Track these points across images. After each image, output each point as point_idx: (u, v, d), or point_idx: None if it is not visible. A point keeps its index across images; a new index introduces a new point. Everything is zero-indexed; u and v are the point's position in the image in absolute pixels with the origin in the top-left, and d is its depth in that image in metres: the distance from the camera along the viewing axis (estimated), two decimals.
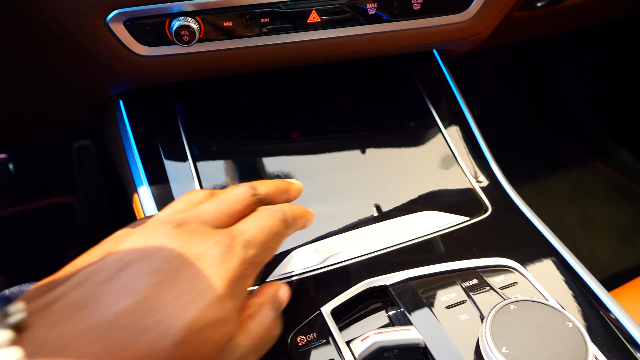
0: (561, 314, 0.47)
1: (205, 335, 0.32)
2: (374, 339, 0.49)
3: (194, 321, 0.32)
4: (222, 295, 0.34)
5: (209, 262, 0.35)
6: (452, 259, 0.59)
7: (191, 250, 0.35)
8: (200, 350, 0.32)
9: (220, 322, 0.33)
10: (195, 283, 0.33)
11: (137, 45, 0.58)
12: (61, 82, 0.69)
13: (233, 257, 0.36)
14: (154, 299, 0.31)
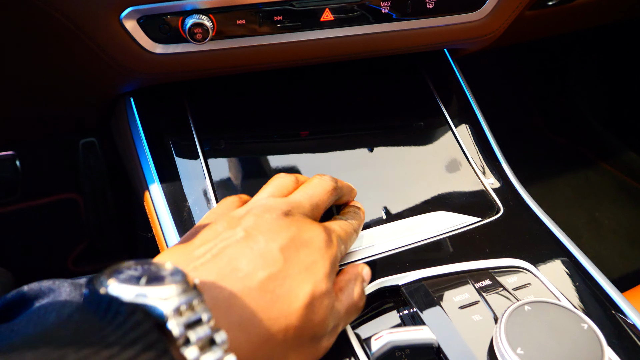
0: (576, 316, 0.47)
1: (319, 302, 0.41)
2: (388, 338, 0.49)
3: (312, 290, 0.40)
4: (328, 273, 0.43)
5: (317, 247, 0.44)
6: (465, 260, 0.59)
7: (304, 236, 0.44)
8: (317, 314, 0.41)
9: (327, 293, 0.42)
10: (311, 262, 0.42)
11: (150, 43, 0.58)
12: (72, 79, 0.69)
13: (333, 246, 0.46)
14: (285, 270, 0.40)
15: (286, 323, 0.38)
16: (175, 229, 0.61)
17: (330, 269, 0.43)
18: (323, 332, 0.42)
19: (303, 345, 0.40)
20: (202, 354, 0.30)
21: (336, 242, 0.47)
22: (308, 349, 0.41)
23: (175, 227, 0.61)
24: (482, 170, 0.72)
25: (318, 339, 0.42)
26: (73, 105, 0.79)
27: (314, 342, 0.42)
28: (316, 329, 0.41)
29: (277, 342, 0.38)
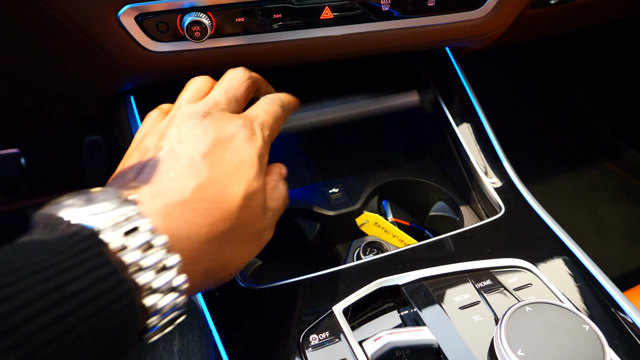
0: (578, 317, 0.46)
1: (253, 200, 0.43)
2: (387, 339, 0.49)
3: (245, 190, 0.42)
4: (257, 170, 0.44)
5: (241, 143, 0.44)
6: (465, 259, 0.59)
7: (224, 135, 0.44)
8: (253, 211, 0.43)
9: (259, 190, 0.44)
10: (238, 162, 0.43)
11: (148, 41, 0.58)
12: (72, 77, 0.68)
13: (257, 137, 0.45)
14: (213, 176, 0.41)
15: (225, 226, 0.40)
16: None
17: (259, 164, 0.44)
18: (263, 226, 0.45)
19: (248, 241, 0.43)
20: (145, 257, 0.33)
21: (259, 132, 0.46)
22: (253, 243, 0.44)
23: None
24: (483, 169, 0.72)
25: (260, 232, 0.45)
26: (74, 103, 0.79)
27: (256, 236, 0.45)
28: (256, 224, 0.44)
29: (220, 243, 0.40)
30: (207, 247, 0.39)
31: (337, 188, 0.75)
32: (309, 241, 0.72)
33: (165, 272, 0.34)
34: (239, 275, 0.57)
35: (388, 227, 0.73)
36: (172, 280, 0.34)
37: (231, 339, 0.52)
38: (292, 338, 0.51)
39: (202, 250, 0.39)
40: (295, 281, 0.57)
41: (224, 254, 0.41)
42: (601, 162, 1.64)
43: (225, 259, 0.41)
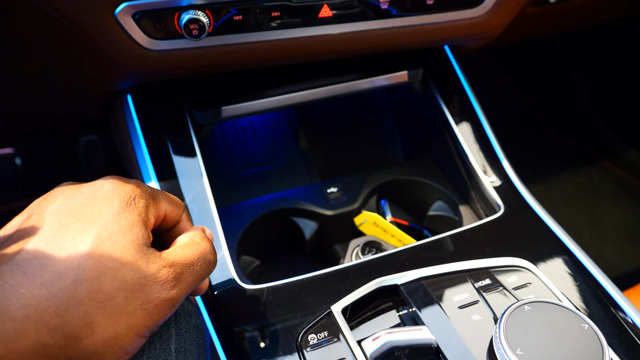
0: (577, 316, 0.46)
1: (110, 243, 0.36)
2: (386, 339, 0.49)
3: (94, 235, 0.35)
4: (117, 211, 0.38)
5: (101, 196, 0.39)
6: (464, 259, 0.58)
7: (82, 191, 0.39)
8: (112, 257, 0.35)
9: (120, 231, 0.36)
10: (90, 210, 0.37)
11: (145, 39, 0.57)
12: (68, 76, 0.68)
13: (124, 185, 0.40)
14: (57, 232, 0.35)
15: (65, 282, 0.33)
16: None
17: (121, 205, 0.38)
18: (144, 277, 0.36)
19: (115, 299, 0.35)
20: None
21: (133, 182, 0.41)
22: (129, 303, 0.35)
23: None
24: (482, 168, 0.72)
25: (140, 286, 0.36)
26: (70, 101, 0.78)
27: (135, 292, 0.35)
28: (124, 273, 0.35)
29: (61, 305, 0.33)
30: (36, 317, 0.32)
31: (335, 187, 0.75)
32: (307, 241, 0.72)
33: None
34: (236, 275, 0.57)
35: (387, 227, 0.73)
36: None
37: (229, 339, 0.52)
38: (290, 338, 0.51)
39: (31, 320, 0.31)
40: (293, 281, 0.56)
41: (70, 321, 0.32)
42: (601, 162, 1.64)
43: (73, 327, 0.33)
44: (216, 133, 0.89)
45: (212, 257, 0.43)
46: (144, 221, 0.39)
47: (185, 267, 0.40)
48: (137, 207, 0.39)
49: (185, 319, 0.45)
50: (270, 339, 0.51)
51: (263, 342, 0.51)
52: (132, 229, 0.37)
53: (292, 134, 0.92)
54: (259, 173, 0.87)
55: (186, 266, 0.40)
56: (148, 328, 0.37)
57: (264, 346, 0.50)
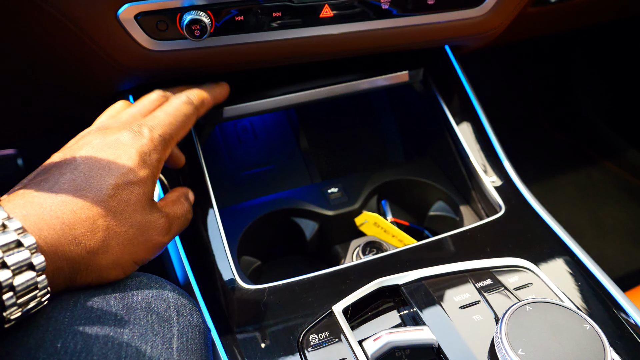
0: (578, 316, 0.46)
1: (128, 192, 0.45)
2: (387, 339, 0.49)
3: (116, 181, 0.44)
4: (136, 164, 0.46)
5: (122, 144, 0.47)
6: (466, 259, 0.58)
7: (107, 140, 0.47)
8: (127, 202, 0.44)
9: (136, 183, 0.45)
10: (114, 158, 0.45)
11: (147, 40, 0.57)
12: (71, 76, 0.68)
13: (142, 137, 0.48)
14: (88, 173, 0.44)
15: (92, 213, 0.42)
16: None
17: (138, 159, 0.46)
18: (147, 223, 0.46)
19: (126, 234, 0.44)
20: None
21: (147, 132, 0.49)
22: (135, 239, 0.45)
23: None
24: (483, 168, 0.72)
25: (143, 228, 0.46)
26: (73, 101, 0.78)
27: (140, 231, 0.45)
28: (134, 217, 0.45)
29: (85, 229, 0.41)
30: (69, 232, 0.40)
31: (336, 187, 0.75)
32: (307, 241, 0.72)
33: (20, 250, 0.35)
34: (237, 275, 0.57)
35: (387, 227, 0.73)
36: (29, 259, 0.36)
37: (230, 339, 0.52)
38: (291, 338, 0.51)
39: (65, 234, 0.40)
40: (294, 281, 0.56)
41: (92, 239, 0.41)
42: (602, 162, 1.63)
43: (94, 245, 0.41)
44: (217, 133, 0.89)
45: (190, 215, 0.54)
46: (154, 176, 0.48)
47: (174, 219, 0.50)
48: (151, 163, 0.47)
49: (187, 318, 0.45)
50: (271, 339, 0.51)
51: (264, 342, 0.51)
52: (145, 184, 0.46)
53: (293, 134, 0.92)
54: (259, 173, 0.87)
55: (175, 219, 0.50)
56: (142, 259, 0.46)
57: (265, 346, 0.50)
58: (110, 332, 0.39)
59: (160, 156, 0.49)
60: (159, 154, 0.49)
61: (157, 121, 0.51)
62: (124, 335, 0.39)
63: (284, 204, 0.73)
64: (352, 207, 0.74)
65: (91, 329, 0.39)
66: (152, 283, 0.46)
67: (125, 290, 0.43)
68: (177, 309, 0.45)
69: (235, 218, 0.70)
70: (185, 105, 0.55)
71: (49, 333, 0.37)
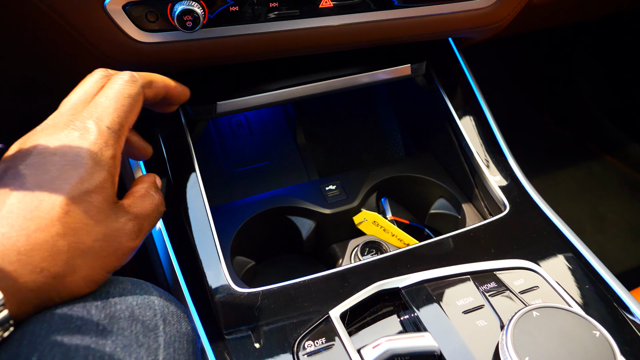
0: (588, 323, 0.44)
1: (85, 203, 0.40)
2: (387, 346, 0.47)
3: (70, 195, 0.39)
4: (89, 168, 0.41)
5: (71, 144, 0.42)
6: (468, 260, 0.56)
7: (55, 142, 0.42)
8: (89, 214, 0.40)
9: (93, 191, 0.41)
10: (63, 166, 0.40)
11: (137, 32, 0.55)
12: (58, 70, 0.65)
13: (89, 135, 0.43)
14: (36, 189, 0.39)
15: (48, 235, 0.38)
16: (164, 228, 0.58)
17: (91, 162, 0.41)
18: (114, 231, 0.42)
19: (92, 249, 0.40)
20: None
21: (94, 127, 0.43)
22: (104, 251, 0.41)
23: (164, 226, 0.59)
24: (487, 165, 0.69)
25: (110, 238, 0.42)
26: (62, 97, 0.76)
27: (107, 242, 0.41)
28: (97, 229, 0.41)
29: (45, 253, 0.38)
30: (28, 260, 0.37)
31: (334, 185, 0.73)
32: (304, 240, 0.70)
33: None
34: (229, 278, 0.55)
35: (387, 226, 0.71)
36: None
37: (221, 346, 0.49)
38: (286, 344, 0.49)
39: (23, 264, 0.37)
40: (289, 284, 0.54)
41: (55, 263, 0.38)
42: (603, 156, 1.62)
43: (59, 269, 0.38)
44: (210, 129, 0.87)
45: (163, 208, 0.49)
46: (113, 177, 0.43)
47: (145, 218, 0.46)
48: (106, 162, 0.42)
49: (175, 326, 0.43)
50: (265, 345, 0.49)
51: (257, 350, 0.49)
52: (103, 189, 0.41)
53: (290, 130, 0.90)
54: (254, 170, 0.85)
55: (146, 217, 0.46)
56: (115, 267, 0.43)
57: (258, 354, 0.48)
58: (92, 343, 0.37)
59: (114, 152, 0.44)
60: (112, 149, 0.43)
61: (101, 110, 0.45)
62: (106, 347, 0.37)
63: (279, 201, 0.71)
64: (351, 205, 0.72)
65: (70, 340, 0.36)
66: (137, 289, 0.43)
67: (107, 298, 0.41)
68: (163, 317, 0.42)
69: (229, 217, 0.68)
70: (127, 85, 0.48)
71: (24, 347, 0.35)
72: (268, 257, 0.75)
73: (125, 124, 0.46)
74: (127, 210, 0.44)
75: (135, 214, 0.44)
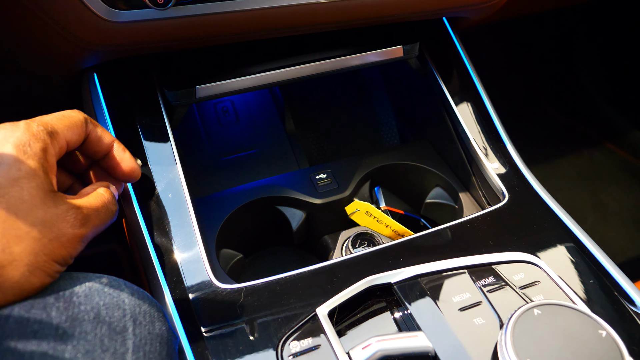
0: (593, 321, 0.42)
1: (17, 188, 0.40)
2: (377, 347, 0.44)
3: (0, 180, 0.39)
4: (15, 158, 0.41)
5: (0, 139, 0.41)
6: (465, 253, 0.53)
7: None
8: (22, 199, 0.40)
9: (24, 177, 0.40)
10: None
11: (105, 9, 0.51)
12: (26, 54, 0.62)
13: (16, 130, 0.42)
14: None
15: None
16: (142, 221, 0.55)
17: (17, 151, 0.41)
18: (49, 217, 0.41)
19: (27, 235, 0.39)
20: None
21: (23, 125, 0.43)
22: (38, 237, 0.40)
23: (143, 219, 0.55)
24: (485, 152, 0.66)
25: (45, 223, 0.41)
26: (36, 83, 0.72)
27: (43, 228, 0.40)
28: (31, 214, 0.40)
29: None
30: None
31: (324, 174, 0.70)
32: (294, 232, 0.67)
33: None
34: (211, 273, 0.51)
35: (380, 217, 0.67)
36: None
37: (201, 346, 0.46)
38: (270, 345, 0.46)
39: None
40: (274, 279, 0.51)
41: None
42: (604, 144, 1.61)
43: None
44: (195, 115, 0.83)
45: (114, 207, 0.49)
46: (44, 167, 0.42)
47: (90, 210, 0.45)
48: (33, 152, 0.42)
49: (146, 327, 0.40)
50: (247, 346, 0.46)
51: (239, 350, 0.46)
52: (35, 177, 0.41)
53: (279, 116, 0.86)
54: (241, 158, 0.82)
55: (92, 210, 0.45)
56: (64, 257, 0.41)
57: (240, 354, 0.45)
58: (49, 349, 0.34)
59: (44, 145, 0.43)
60: (41, 142, 0.43)
61: (38, 118, 0.45)
62: (66, 353, 0.34)
63: (268, 191, 0.68)
64: (343, 195, 0.69)
65: (26, 346, 0.33)
66: (107, 287, 0.40)
67: (71, 298, 0.38)
68: (133, 318, 0.39)
69: (215, 207, 0.65)
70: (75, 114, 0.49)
71: None
72: (257, 250, 0.73)
73: (59, 131, 0.46)
74: (68, 201, 0.43)
75: (76, 205, 0.44)
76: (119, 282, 0.42)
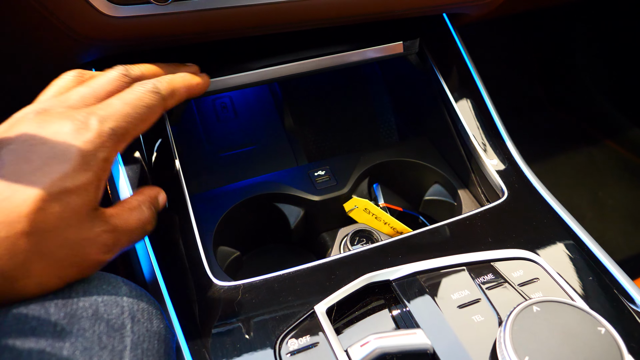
0: (592, 318, 0.42)
1: (62, 203, 0.37)
2: (376, 344, 0.44)
3: (48, 191, 0.36)
4: (76, 166, 0.38)
5: (62, 137, 0.38)
6: (464, 250, 0.53)
7: (47, 130, 0.38)
8: (62, 216, 0.37)
9: (74, 191, 0.37)
10: (48, 158, 0.37)
11: (105, 4, 0.51)
12: (25, 48, 0.61)
13: (87, 132, 0.39)
14: (14, 176, 0.36)
15: (12, 231, 0.35)
16: None
17: (80, 160, 0.38)
18: (85, 239, 0.38)
19: (55, 255, 0.37)
20: None
21: (96, 125, 0.40)
22: (67, 260, 0.38)
23: None
24: (484, 149, 0.66)
25: (78, 246, 0.38)
26: (32, 78, 0.72)
27: (73, 251, 0.38)
28: (68, 234, 0.37)
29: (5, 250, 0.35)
30: None
31: (323, 170, 0.70)
32: (292, 229, 0.67)
33: None
34: (209, 270, 0.51)
35: (379, 214, 0.67)
36: None
37: (198, 344, 0.46)
38: (267, 342, 0.46)
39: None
40: (272, 277, 0.51)
41: (10, 263, 0.35)
42: (603, 141, 1.60)
43: (12, 271, 0.35)
44: (193, 110, 0.83)
45: (150, 227, 0.46)
46: (98, 181, 0.40)
47: (124, 233, 0.42)
48: (96, 164, 0.39)
49: (145, 324, 0.40)
50: (244, 344, 0.46)
51: (236, 348, 0.45)
52: (86, 192, 0.38)
53: (277, 112, 0.86)
54: (240, 155, 0.81)
55: (125, 232, 0.42)
56: (74, 279, 0.39)
57: (238, 352, 0.45)
58: (47, 346, 0.33)
59: (108, 155, 0.40)
60: (107, 152, 0.40)
61: (111, 111, 0.42)
62: (64, 350, 0.34)
63: (266, 188, 0.67)
64: (341, 192, 0.68)
65: (23, 344, 0.33)
66: (105, 284, 0.40)
67: (70, 295, 0.37)
68: (132, 315, 0.39)
69: (212, 204, 0.64)
70: (149, 95, 0.45)
71: None
72: (254, 247, 0.72)
73: (131, 132, 0.43)
74: (107, 221, 0.40)
75: (114, 225, 0.41)
76: (116, 279, 0.42)
